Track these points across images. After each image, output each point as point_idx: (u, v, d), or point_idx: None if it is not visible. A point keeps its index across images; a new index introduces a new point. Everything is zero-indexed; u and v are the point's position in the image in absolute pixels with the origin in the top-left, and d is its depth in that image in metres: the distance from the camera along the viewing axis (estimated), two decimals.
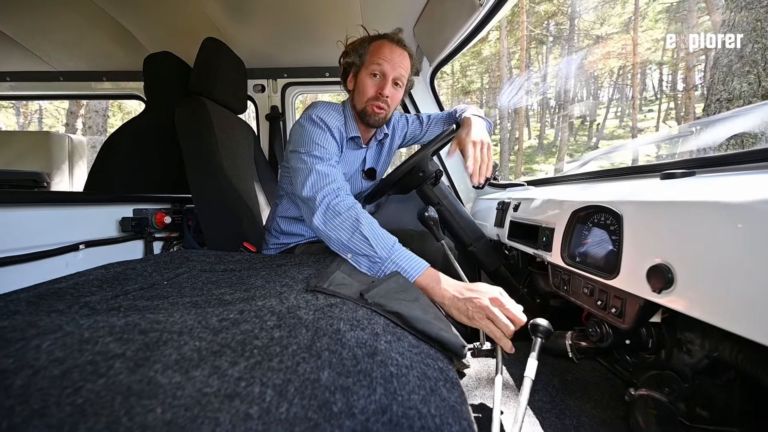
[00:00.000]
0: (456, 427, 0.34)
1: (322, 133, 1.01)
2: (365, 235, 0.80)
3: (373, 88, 1.03)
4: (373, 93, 1.03)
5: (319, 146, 0.98)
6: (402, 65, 1.03)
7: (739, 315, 0.41)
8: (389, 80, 1.02)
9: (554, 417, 0.73)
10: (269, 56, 1.80)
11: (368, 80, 1.03)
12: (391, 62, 1.01)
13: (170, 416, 0.30)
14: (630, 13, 16.70)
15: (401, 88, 1.08)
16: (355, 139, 1.13)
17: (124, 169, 1.44)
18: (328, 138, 1.02)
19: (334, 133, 1.03)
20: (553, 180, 1.32)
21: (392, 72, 1.02)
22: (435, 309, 0.63)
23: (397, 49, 1.03)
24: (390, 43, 1.03)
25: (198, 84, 1.29)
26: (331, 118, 1.05)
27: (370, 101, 1.04)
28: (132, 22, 1.58)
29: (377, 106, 1.04)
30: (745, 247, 0.41)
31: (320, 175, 0.92)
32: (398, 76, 1.04)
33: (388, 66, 1.01)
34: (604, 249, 0.69)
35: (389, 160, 1.32)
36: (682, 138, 1.74)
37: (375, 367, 0.39)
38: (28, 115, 15.97)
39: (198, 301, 0.56)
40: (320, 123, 1.02)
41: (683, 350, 0.63)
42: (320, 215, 0.86)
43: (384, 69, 1.01)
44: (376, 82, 1.03)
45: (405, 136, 1.35)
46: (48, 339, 0.38)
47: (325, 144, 1.00)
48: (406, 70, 1.05)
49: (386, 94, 1.02)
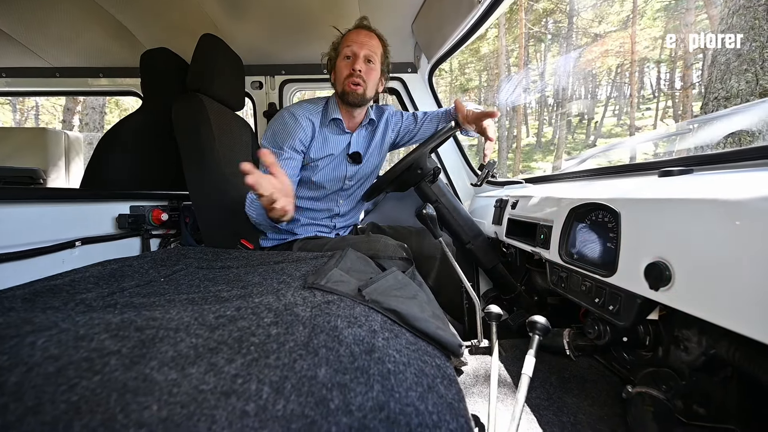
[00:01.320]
0: (453, 423, 0.34)
1: (284, 126, 1.13)
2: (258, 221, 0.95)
3: (346, 67, 1.13)
4: (347, 71, 1.12)
5: (274, 141, 1.13)
6: (369, 44, 1.13)
7: (737, 312, 0.41)
8: (360, 57, 1.12)
9: (552, 414, 0.73)
10: (267, 53, 1.79)
11: (342, 63, 1.14)
12: (358, 42, 1.12)
13: (166, 413, 0.29)
14: (628, 11, 16.70)
15: (375, 65, 1.16)
16: (336, 122, 1.20)
17: (121, 165, 1.43)
18: (288, 129, 1.13)
19: (300, 120, 1.14)
20: (551, 177, 1.32)
21: (361, 50, 1.12)
22: (433, 307, 0.63)
23: (362, 31, 1.14)
24: (356, 29, 1.15)
25: (195, 80, 1.29)
26: (302, 109, 1.16)
27: (346, 79, 1.13)
28: (129, 17, 1.57)
29: (352, 82, 1.12)
30: (742, 245, 0.41)
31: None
32: (368, 54, 1.13)
33: (356, 46, 1.12)
34: (601, 246, 0.69)
35: (381, 151, 1.35)
36: (680, 136, 1.75)
37: (372, 364, 0.39)
38: (24, 112, 15.85)
39: (195, 298, 0.56)
40: (286, 115, 1.15)
41: (680, 347, 0.63)
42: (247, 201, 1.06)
43: (353, 49, 1.12)
44: (348, 62, 1.13)
45: (399, 131, 1.38)
46: (43, 336, 0.38)
47: (283, 136, 1.12)
48: (374, 49, 1.15)
49: (358, 68, 1.11)
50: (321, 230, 1.28)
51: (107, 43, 1.73)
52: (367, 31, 1.15)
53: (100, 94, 2.26)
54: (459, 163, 1.79)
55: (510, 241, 1.13)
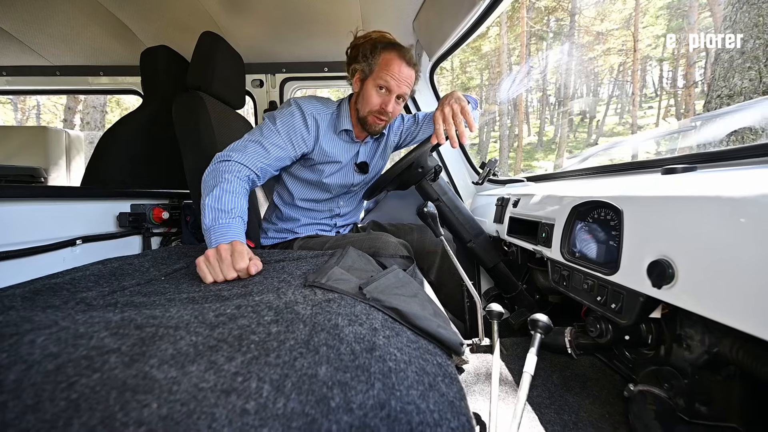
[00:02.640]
0: (455, 422, 0.34)
1: (289, 116, 1.07)
2: (204, 203, 0.84)
3: (377, 101, 1.08)
4: (377, 107, 1.08)
5: (270, 129, 1.05)
6: (407, 82, 1.08)
7: (741, 310, 0.41)
8: (393, 97, 1.07)
9: (553, 413, 0.73)
10: (267, 51, 1.78)
11: (373, 92, 1.07)
12: (398, 79, 1.05)
13: (166, 411, 0.29)
14: (631, 9, 16.62)
15: (403, 102, 1.13)
16: (347, 132, 1.17)
17: (122, 164, 1.43)
18: (293, 120, 1.07)
19: (306, 118, 1.08)
20: (552, 176, 1.31)
21: (398, 89, 1.06)
22: (434, 305, 0.62)
23: (405, 68, 1.06)
24: (400, 60, 1.05)
25: (195, 78, 1.28)
26: (311, 106, 1.10)
27: (372, 113, 1.09)
28: (129, 15, 1.56)
29: (378, 118, 1.10)
30: (747, 242, 0.41)
31: (241, 144, 1.00)
32: (402, 93, 1.08)
33: (395, 83, 1.05)
34: (604, 244, 0.69)
35: (385, 156, 1.34)
36: (682, 133, 1.74)
37: (373, 362, 0.38)
38: (25, 111, 15.88)
39: (195, 297, 0.56)
40: (293, 106, 1.09)
41: (683, 346, 0.63)
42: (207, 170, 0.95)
43: (390, 85, 1.05)
44: (381, 95, 1.08)
45: (401, 134, 1.37)
46: (42, 334, 0.38)
47: (282, 126, 1.05)
48: (410, 87, 1.10)
49: (390, 111, 1.08)
50: (322, 229, 1.28)
51: (107, 42, 1.73)
52: (409, 67, 1.07)
53: (100, 92, 2.26)
54: (460, 161, 1.79)
55: (511, 239, 1.13)
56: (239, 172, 0.94)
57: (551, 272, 0.87)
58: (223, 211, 0.83)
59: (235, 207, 0.85)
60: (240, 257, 0.70)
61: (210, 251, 0.71)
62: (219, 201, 0.84)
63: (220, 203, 0.84)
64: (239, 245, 0.73)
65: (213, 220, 0.81)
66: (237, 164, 0.95)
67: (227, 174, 0.91)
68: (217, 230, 0.80)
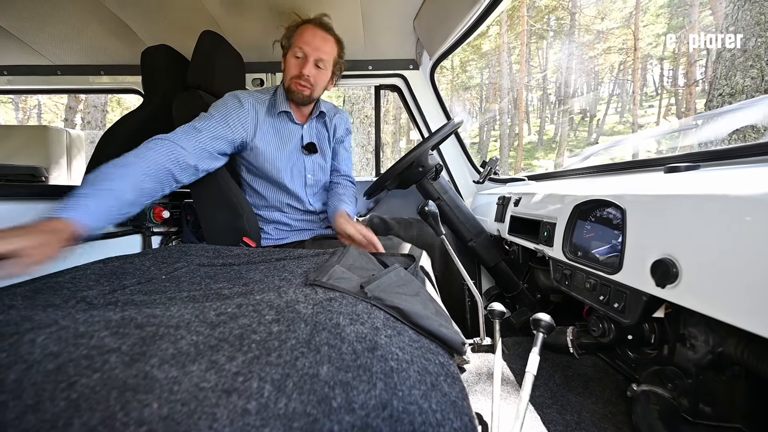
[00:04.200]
0: (457, 422, 0.34)
1: (222, 104, 1.09)
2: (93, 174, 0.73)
3: (295, 67, 1.12)
4: (295, 72, 1.12)
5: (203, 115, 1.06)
6: (323, 49, 1.12)
7: (747, 309, 0.40)
8: (310, 61, 1.11)
9: (555, 412, 0.73)
10: (268, 50, 1.77)
11: (292, 60, 1.13)
12: (312, 45, 1.10)
13: (166, 411, 0.29)
14: (631, 8, 16.58)
15: (325, 70, 1.15)
16: (287, 114, 1.19)
17: None
18: (226, 104, 1.09)
19: (243, 102, 1.11)
20: (554, 174, 1.31)
21: (313, 54, 1.10)
22: (436, 304, 0.62)
23: (319, 32, 1.11)
24: (313, 27, 1.11)
25: (195, 77, 1.28)
26: (249, 95, 1.15)
27: (293, 79, 1.12)
28: (129, 15, 1.56)
29: (299, 83, 1.12)
30: (752, 241, 0.40)
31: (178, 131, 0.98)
32: (319, 58, 1.12)
33: (309, 48, 1.10)
34: (606, 243, 0.68)
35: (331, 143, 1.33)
36: (684, 132, 1.73)
37: (375, 361, 0.38)
38: (26, 111, 15.89)
39: (196, 296, 0.55)
40: (228, 95, 1.13)
41: (686, 346, 0.62)
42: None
43: (305, 51, 1.10)
44: (298, 62, 1.12)
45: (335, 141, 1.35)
46: (43, 333, 0.37)
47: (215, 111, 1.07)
48: (328, 54, 1.13)
49: (306, 74, 1.10)
50: (310, 229, 1.28)
51: (108, 41, 1.73)
52: (324, 33, 1.12)
53: (101, 92, 2.26)
54: (461, 160, 1.78)
55: (513, 238, 1.12)
56: (158, 147, 0.87)
57: (553, 271, 0.87)
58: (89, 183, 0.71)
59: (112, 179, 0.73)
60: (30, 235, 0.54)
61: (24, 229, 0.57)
62: (99, 171, 0.74)
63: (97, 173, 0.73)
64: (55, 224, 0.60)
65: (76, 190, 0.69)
66: (159, 140, 0.90)
67: (142, 149, 0.85)
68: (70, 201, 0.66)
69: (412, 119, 1.85)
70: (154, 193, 0.86)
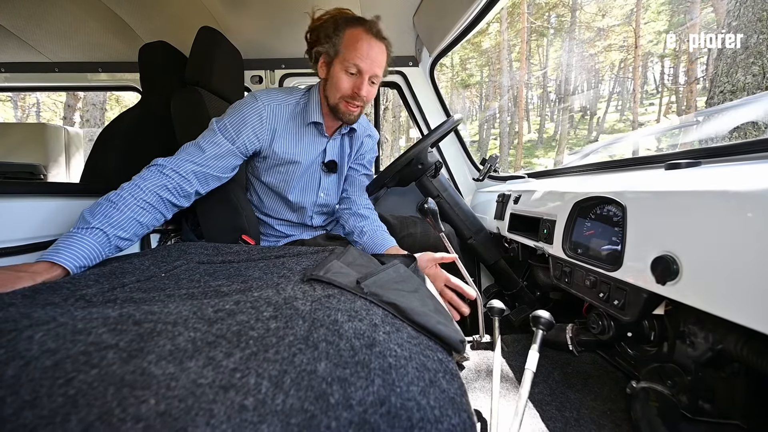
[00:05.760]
0: (455, 419, 0.34)
1: (241, 105, 0.99)
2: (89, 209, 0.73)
3: (349, 85, 0.97)
4: (348, 91, 0.98)
5: (214, 127, 0.97)
6: (379, 62, 0.97)
7: (747, 306, 0.40)
8: (365, 79, 0.97)
9: (555, 409, 0.73)
10: (266, 46, 1.77)
11: (343, 76, 0.97)
12: (369, 59, 0.95)
13: (164, 407, 0.29)
14: (632, 5, 16.52)
15: (377, 85, 1.04)
16: (316, 125, 1.08)
17: (121, 160, 1.42)
18: (243, 110, 0.98)
19: (261, 113, 0.99)
20: (554, 172, 1.31)
21: (369, 70, 0.96)
22: (434, 301, 0.62)
23: (375, 44, 0.95)
24: (368, 36, 0.95)
25: (194, 74, 1.27)
26: (268, 98, 1.02)
27: (344, 98, 0.99)
28: (127, 11, 1.55)
29: (352, 104, 1.00)
30: (753, 237, 0.40)
31: (182, 152, 0.93)
32: (375, 74, 0.98)
33: (366, 64, 0.95)
34: (606, 240, 0.68)
35: (351, 158, 1.24)
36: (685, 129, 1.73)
37: (373, 358, 0.38)
38: (25, 109, 15.87)
39: (194, 293, 0.55)
40: (249, 96, 1.01)
41: (686, 342, 0.62)
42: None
43: (361, 67, 0.95)
44: (352, 80, 0.97)
45: (356, 161, 1.26)
46: (41, 330, 0.37)
47: (229, 118, 0.97)
48: (382, 67, 1.00)
49: (363, 94, 0.98)
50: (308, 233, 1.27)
51: (106, 38, 1.72)
52: (380, 43, 0.97)
53: (99, 89, 2.25)
54: (461, 157, 1.78)
55: (512, 236, 1.12)
56: (155, 178, 0.84)
57: (553, 269, 0.87)
58: (84, 219, 0.71)
59: (107, 218, 0.72)
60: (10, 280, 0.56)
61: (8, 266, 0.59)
62: (96, 205, 0.74)
63: (94, 207, 0.73)
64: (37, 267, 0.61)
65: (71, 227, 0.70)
66: (157, 168, 0.86)
67: (138, 179, 0.83)
68: (59, 242, 0.67)
69: (412, 116, 1.85)
70: (150, 225, 0.83)
